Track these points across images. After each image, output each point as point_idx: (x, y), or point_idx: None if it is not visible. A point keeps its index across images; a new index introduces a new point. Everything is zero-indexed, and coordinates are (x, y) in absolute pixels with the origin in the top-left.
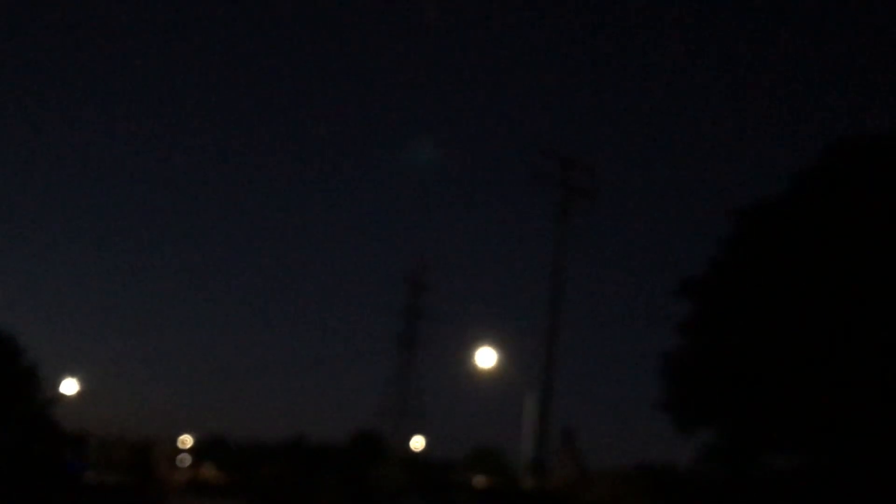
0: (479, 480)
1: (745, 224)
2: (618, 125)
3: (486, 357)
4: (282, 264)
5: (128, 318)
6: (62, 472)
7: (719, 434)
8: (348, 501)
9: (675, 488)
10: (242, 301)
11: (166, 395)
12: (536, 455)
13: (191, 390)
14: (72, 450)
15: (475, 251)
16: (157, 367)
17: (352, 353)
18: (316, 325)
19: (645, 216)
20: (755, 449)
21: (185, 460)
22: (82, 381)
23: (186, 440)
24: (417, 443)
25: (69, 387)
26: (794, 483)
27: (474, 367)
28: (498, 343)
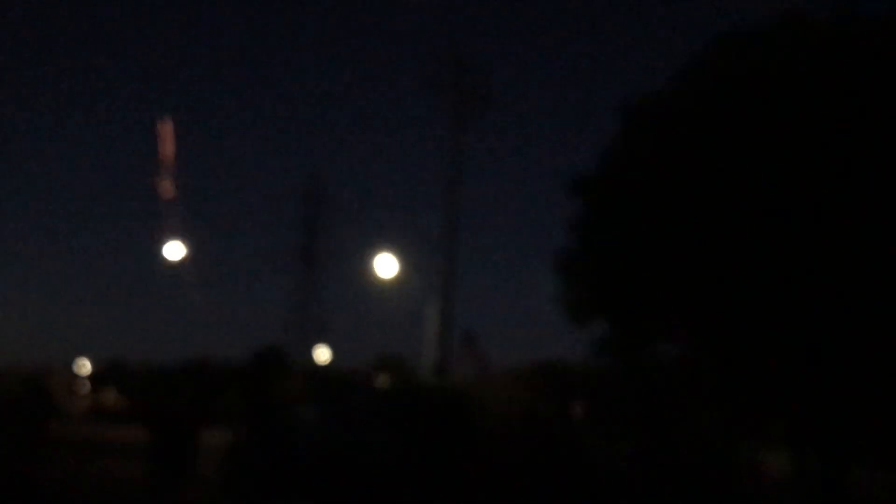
0: (381, 381)
1: (631, 120)
2: (508, 26)
3: (386, 265)
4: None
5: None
6: None
7: (611, 326)
8: (248, 417)
9: (568, 381)
10: (136, 218)
11: (59, 322)
12: (438, 358)
13: (86, 315)
14: None
15: (372, 163)
16: (48, 291)
17: (252, 271)
18: (214, 244)
19: (539, 116)
20: (643, 340)
21: (84, 387)
22: None
23: (84, 366)
24: (322, 355)
25: None
26: (679, 371)
27: (376, 277)
28: (399, 252)
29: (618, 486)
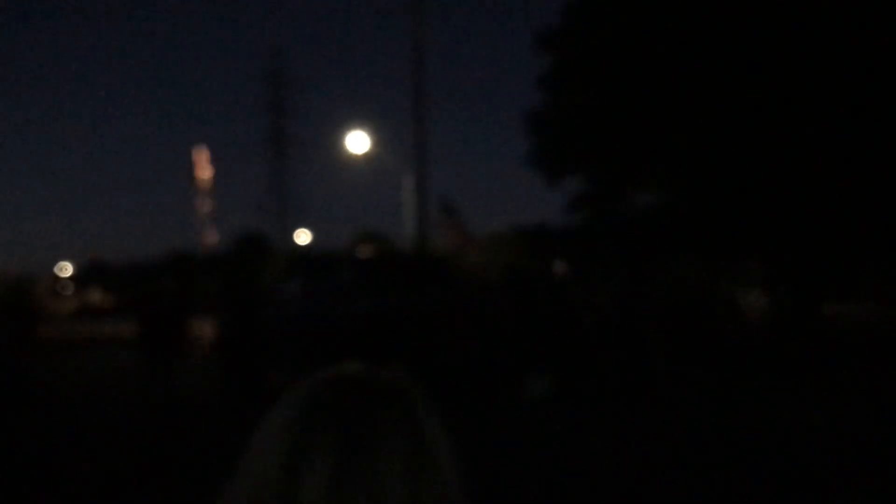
0: (363, 250)
1: None
2: None
3: (358, 142)
4: (135, 71)
5: None
6: None
7: (586, 181)
8: (234, 301)
9: (548, 242)
10: (97, 111)
11: (34, 228)
12: (418, 229)
13: (61, 218)
14: None
15: (333, 37)
16: (18, 197)
17: (222, 159)
18: (179, 134)
19: None
20: (619, 191)
21: (69, 288)
22: None
23: (66, 268)
24: (303, 237)
25: None
26: (657, 219)
27: (348, 155)
28: (370, 128)
29: (601, 335)
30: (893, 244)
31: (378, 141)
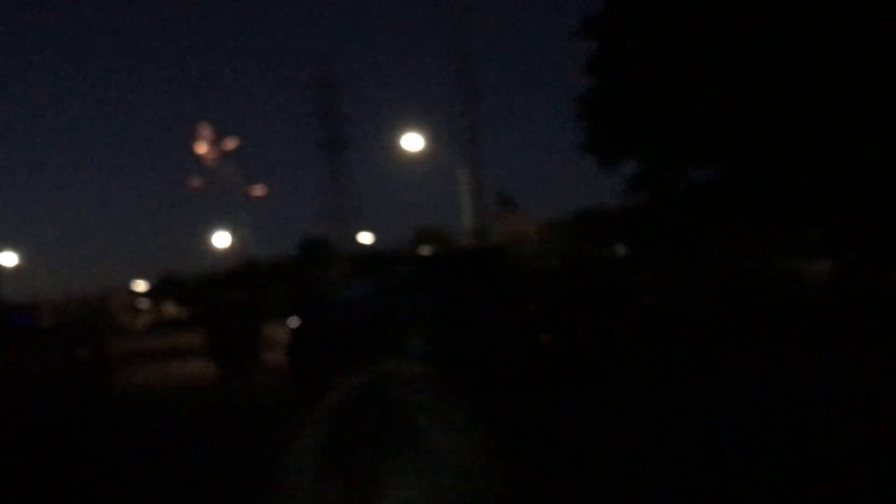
0: (425, 250)
1: None
2: None
3: (412, 141)
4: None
5: (45, 180)
6: (7, 325)
7: (641, 162)
8: (301, 305)
9: (607, 225)
10: (155, 137)
11: (109, 249)
12: (476, 222)
13: (133, 238)
14: (19, 312)
15: (378, 41)
16: (91, 222)
17: (279, 168)
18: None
19: None
20: (675, 170)
21: (144, 304)
22: (21, 252)
23: (140, 285)
24: (364, 239)
25: (7, 259)
26: (712, 194)
27: (403, 155)
28: (422, 127)
29: (662, 314)
30: None
31: (431, 138)
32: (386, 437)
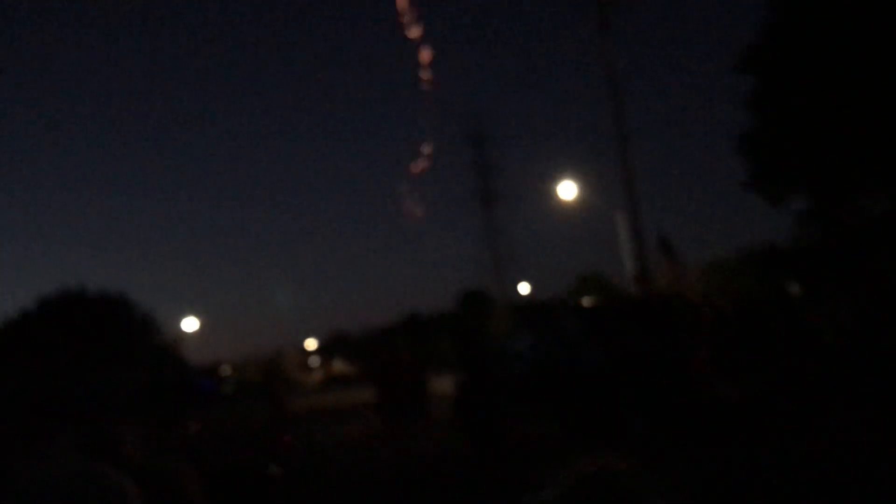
0: (587, 301)
1: None
2: None
3: (567, 189)
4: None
5: (219, 245)
6: (194, 391)
7: (811, 197)
8: (465, 358)
9: (777, 265)
10: (312, 203)
11: (279, 309)
12: (637, 267)
13: (302, 297)
14: (204, 376)
15: (524, 89)
16: (261, 285)
17: (434, 221)
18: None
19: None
20: (847, 203)
21: (315, 362)
22: (201, 315)
23: (311, 343)
24: (523, 289)
25: (190, 324)
26: (889, 227)
27: (559, 203)
28: (576, 172)
29: (844, 354)
30: None
31: (588, 182)
32: None
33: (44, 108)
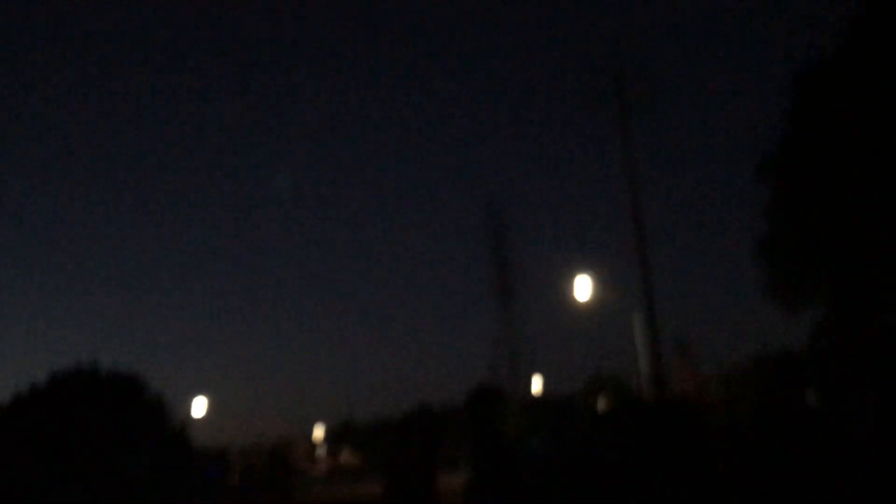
0: (601, 403)
1: (803, 90)
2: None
3: (583, 285)
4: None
5: (230, 329)
6: (200, 478)
7: (829, 306)
8: (476, 457)
9: (794, 373)
10: (325, 297)
11: (288, 393)
12: (653, 370)
13: (308, 383)
14: (211, 462)
15: (542, 185)
16: (271, 368)
17: (448, 314)
18: (405, 293)
19: (707, 99)
20: (869, 314)
21: (321, 451)
22: (209, 394)
23: (318, 432)
24: (535, 385)
25: (198, 407)
26: None
27: (574, 299)
28: (593, 269)
29: (866, 469)
30: None
31: (605, 280)
32: None
33: (61, 185)
